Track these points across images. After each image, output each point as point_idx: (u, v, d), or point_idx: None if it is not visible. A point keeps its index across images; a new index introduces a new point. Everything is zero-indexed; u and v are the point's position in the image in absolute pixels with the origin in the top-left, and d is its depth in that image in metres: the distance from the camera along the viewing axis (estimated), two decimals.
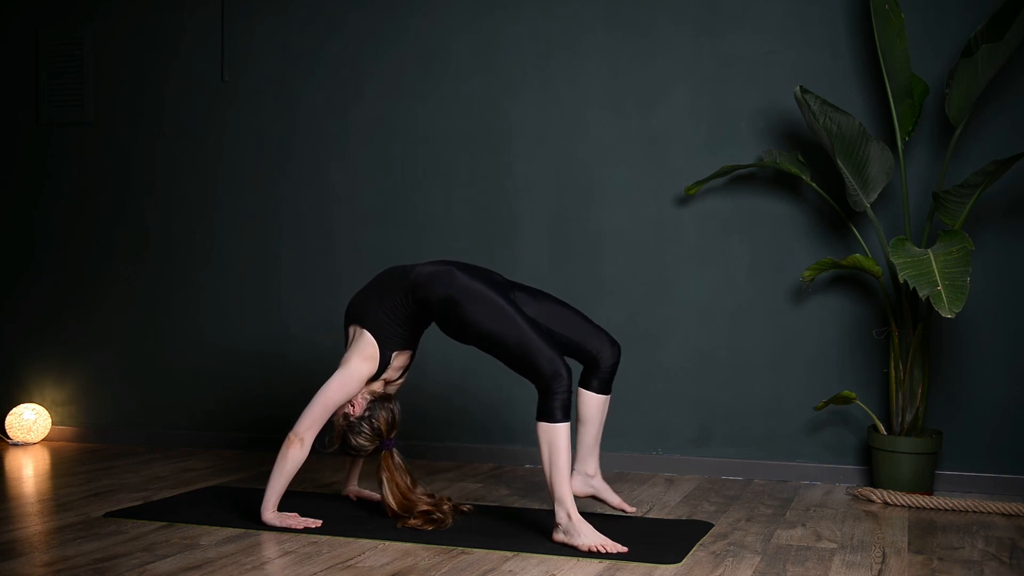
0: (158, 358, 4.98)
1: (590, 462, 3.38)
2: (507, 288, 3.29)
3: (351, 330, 3.36)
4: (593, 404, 3.37)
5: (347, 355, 3.28)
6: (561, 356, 3.10)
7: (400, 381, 3.43)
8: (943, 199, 3.71)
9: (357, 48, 4.70)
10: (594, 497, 3.41)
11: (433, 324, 3.38)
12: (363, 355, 3.26)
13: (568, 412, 3.08)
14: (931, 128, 4.04)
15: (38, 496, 3.78)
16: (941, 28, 4.02)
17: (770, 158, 4.11)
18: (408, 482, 3.28)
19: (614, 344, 3.36)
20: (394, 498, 3.25)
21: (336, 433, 3.31)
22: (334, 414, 3.30)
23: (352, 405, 3.27)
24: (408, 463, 3.33)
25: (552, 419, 3.04)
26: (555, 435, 3.04)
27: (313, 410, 3.21)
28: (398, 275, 3.34)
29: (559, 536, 3.05)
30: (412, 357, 3.43)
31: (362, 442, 3.26)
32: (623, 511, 3.40)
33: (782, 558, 2.96)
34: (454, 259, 3.52)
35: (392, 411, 3.29)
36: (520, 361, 3.12)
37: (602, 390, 3.37)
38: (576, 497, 3.25)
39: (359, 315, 3.34)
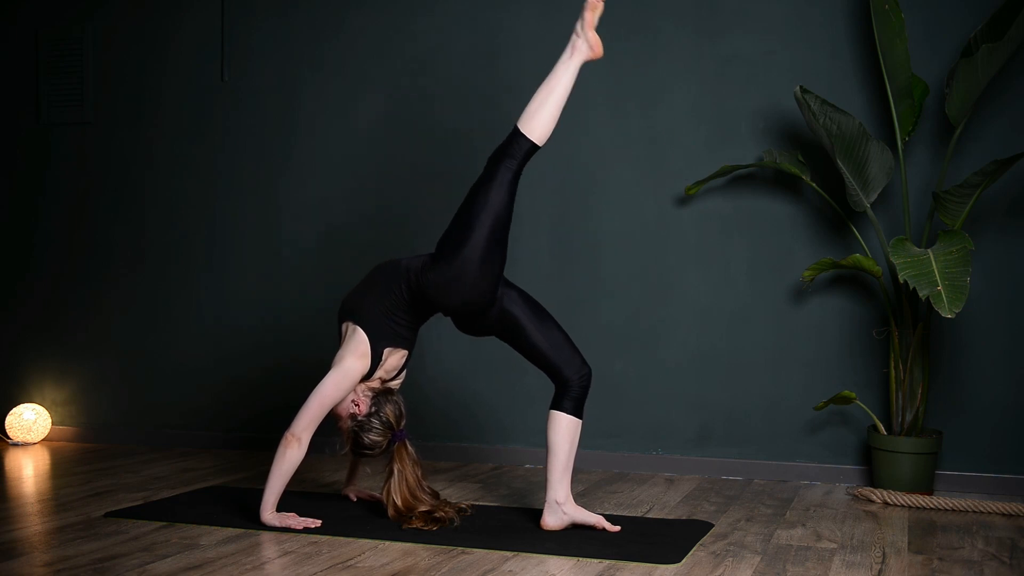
0: (158, 358, 4.98)
1: (560, 489, 3.19)
2: (503, 282, 3.33)
3: (344, 327, 3.35)
4: (565, 426, 3.20)
5: (340, 353, 3.28)
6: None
7: (396, 383, 3.42)
8: (943, 199, 3.71)
9: (357, 48, 4.70)
10: (572, 526, 3.21)
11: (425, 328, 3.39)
12: (356, 353, 3.25)
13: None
14: (931, 128, 4.04)
15: (38, 496, 3.78)
16: (941, 28, 4.02)
17: (770, 158, 4.11)
18: (419, 475, 3.28)
19: (585, 364, 3.27)
20: (400, 494, 3.23)
21: (345, 436, 3.30)
22: (339, 419, 3.29)
23: (356, 405, 3.27)
24: (420, 456, 3.33)
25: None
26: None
27: (309, 409, 3.20)
28: (390, 271, 3.34)
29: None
30: (407, 359, 3.41)
31: (375, 438, 3.23)
32: (604, 528, 3.19)
33: (782, 558, 2.96)
34: (437, 252, 3.36)
35: (397, 403, 3.29)
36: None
37: (575, 412, 3.23)
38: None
39: (352, 311, 3.33)
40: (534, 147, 3.24)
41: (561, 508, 3.19)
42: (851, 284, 4.14)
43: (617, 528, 3.20)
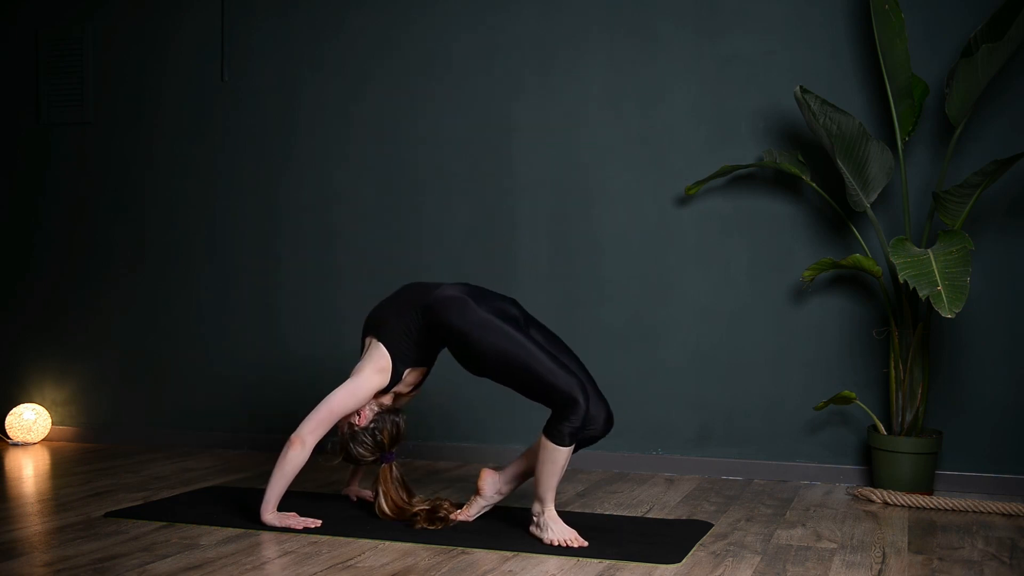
0: (158, 358, 4.98)
1: (515, 481, 3.31)
2: (521, 321, 3.26)
3: (367, 340, 3.35)
4: (541, 445, 3.11)
5: (360, 364, 3.28)
6: (580, 383, 3.03)
7: (412, 395, 3.43)
8: (943, 199, 3.71)
9: (357, 48, 4.70)
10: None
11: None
12: (376, 367, 3.25)
13: (575, 437, 3.04)
14: (931, 128, 4.04)
15: (38, 496, 3.78)
16: (941, 28, 4.02)
17: (770, 158, 4.11)
18: (404, 496, 3.31)
19: (609, 420, 3.25)
20: (388, 507, 3.31)
21: (339, 439, 3.32)
22: (340, 420, 3.30)
23: (358, 415, 3.28)
24: (406, 476, 3.37)
25: (560, 442, 3.02)
26: (557, 456, 3.03)
27: (318, 414, 3.21)
28: (418, 292, 3.31)
29: (533, 529, 3.12)
30: (426, 374, 3.41)
31: (362, 452, 3.27)
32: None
33: (782, 558, 2.96)
34: (473, 284, 3.37)
35: (397, 424, 3.29)
36: (536, 386, 3.06)
37: (576, 447, 3.17)
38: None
39: (376, 326, 3.32)
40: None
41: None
42: (851, 284, 4.13)
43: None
